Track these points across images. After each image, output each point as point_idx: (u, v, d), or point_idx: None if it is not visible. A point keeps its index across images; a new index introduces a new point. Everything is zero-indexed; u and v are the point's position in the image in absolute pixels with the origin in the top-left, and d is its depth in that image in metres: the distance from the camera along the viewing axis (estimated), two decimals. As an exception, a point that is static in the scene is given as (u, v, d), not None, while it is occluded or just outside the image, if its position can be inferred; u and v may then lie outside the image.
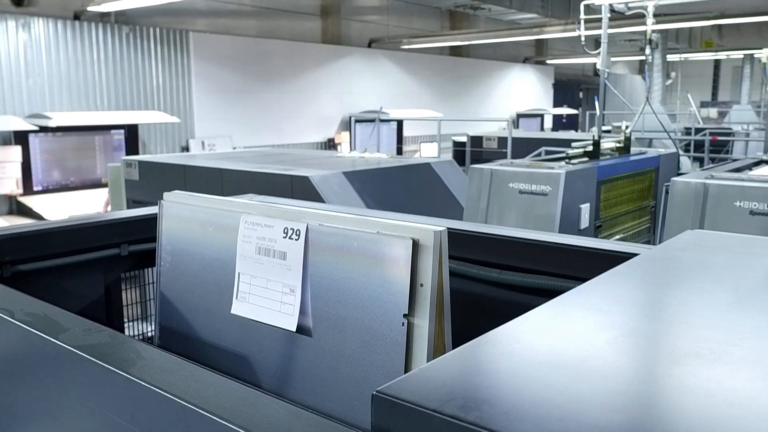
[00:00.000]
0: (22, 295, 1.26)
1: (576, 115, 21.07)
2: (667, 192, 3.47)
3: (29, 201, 8.57)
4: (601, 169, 4.28)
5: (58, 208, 8.30)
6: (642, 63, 18.57)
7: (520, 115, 19.46)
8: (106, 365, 0.92)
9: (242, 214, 1.42)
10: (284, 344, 1.32)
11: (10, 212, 8.73)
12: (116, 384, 0.91)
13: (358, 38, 14.53)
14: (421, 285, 1.15)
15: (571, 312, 0.87)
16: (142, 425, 0.88)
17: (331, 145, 13.76)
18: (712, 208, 3.25)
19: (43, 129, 8.64)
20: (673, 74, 16.07)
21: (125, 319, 1.93)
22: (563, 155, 4.66)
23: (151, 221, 1.84)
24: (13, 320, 1.13)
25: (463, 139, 12.52)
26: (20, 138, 8.64)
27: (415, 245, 1.15)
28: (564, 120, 21.41)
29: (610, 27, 4.93)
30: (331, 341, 1.25)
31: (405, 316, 1.15)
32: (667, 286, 1.00)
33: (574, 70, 22.52)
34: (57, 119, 8.55)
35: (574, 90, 22.66)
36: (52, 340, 1.03)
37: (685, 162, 8.62)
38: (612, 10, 5.17)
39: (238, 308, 1.42)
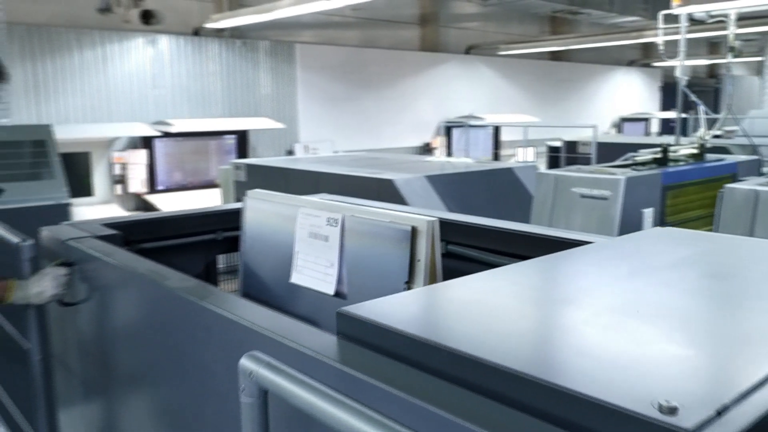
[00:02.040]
0: (148, 260, 1.77)
1: (685, 119, 20.29)
2: (721, 199, 3.63)
3: (153, 199, 9.59)
4: (668, 175, 4.44)
5: (177, 206, 9.24)
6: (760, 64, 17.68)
7: (624, 119, 19.04)
8: (212, 307, 1.40)
9: (300, 207, 1.89)
10: (325, 304, 1.77)
11: (137, 208, 9.80)
12: (216, 318, 1.39)
13: (455, 45, 14.89)
14: (418, 260, 1.56)
15: (499, 275, 1.26)
16: (221, 343, 1.34)
17: (427, 149, 14.20)
18: (762, 215, 3.39)
19: (166, 134, 9.65)
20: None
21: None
22: (631, 162, 4.84)
23: (240, 213, 2.34)
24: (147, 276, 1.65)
25: (559, 143, 12.59)
26: (146, 142, 9.69)
27: (414, 231, 1.56)
28: (672, 124, 20.70)
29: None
30: (357, 301, 1.68)
31: (406, 282, 1.57)
32: (584, 262, 1.36)
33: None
34: (177, 125, 9.54)
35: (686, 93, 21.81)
36: (172, 288, 1.53)
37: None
38: (691, 18, 5.27)
39: (295, 278, 1.88)
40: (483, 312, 1.03)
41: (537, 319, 1.01)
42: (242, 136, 10.78)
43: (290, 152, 11.82)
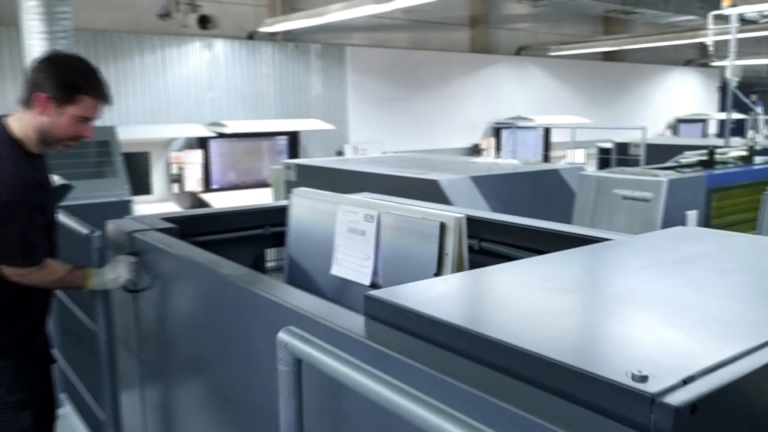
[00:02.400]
0: (204, 251, 1.95)
1: (742, 120, 19.70)
2: (765, 201, 3.62)
3: (208, 197, 9.94)
4: (713, 177, 4.42)
5: (230, 204, 9.54)
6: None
7: (680, 121, 18.62)
8: (260, 291, 1.56)
9: (340, 204, 2.03)
10: (361, 294, 1.90)
11: (193, 206, 10.17)
12: (263, 301, 1.55)
13: (506, 46, 14.86)
14: (446, 254, 1.69)
15: (513, 267, 1.37)
16: (266, 323, 1.50)
17: (476, 150, 14.23)
18: (806, 217, 3.37)
19: (220, 135, 10.00)
20: None
21: (266, 282, 2.62)
22: (675, 164, 4.82)
23: (286, 210, 2.51)
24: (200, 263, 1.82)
25: (609, 145, 12.45)
26: (202, 143, 10.05)
27: (443, 227, 1.69)
28: (733, 125, 20.10)
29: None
30: (391, 292, 1.82)
31: (435, 274, 1.69)
32: (599, 257, 1.46)
33: (745, 72, 21.06)
34: (231, 127, 9.87)
35: (746, 93, 21.18)
36: (226, 275, 1.70)
37: None
38: (743, 18, 5.21)
39: (335, 270, 2.03)
40: (490, 297, 1.16)
41: (539, 304, 1.12)
42: (293, 137, 11.06)
43: (340, 153, 12.04)
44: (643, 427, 0.77)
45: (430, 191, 5.25)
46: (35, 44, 4.39)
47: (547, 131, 14.96)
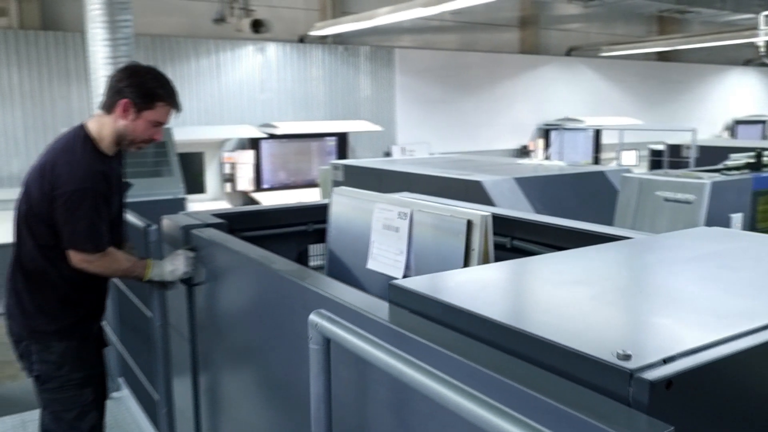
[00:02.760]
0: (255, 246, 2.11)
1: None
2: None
3: (259, 196, 10.23)
4: (760, 180, 4.37)
5: (280, 203, 9.79)
6: None
7: (738, 122, 18.08)
8: (310, 286, 1.70)
9: (376, 203, 2.16)
10: (394, 287, 2.03)
11: (244, 205, 10.50)
12: (308, 293, 1.68)
13: (556, 47, 14.75)
14: (473, 249, 1.79)
15: (531, 262, 1.47)
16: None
17: (524, 152, 14.17)
18: None
19: (271, 136, 10.27)
20: None
21: (309, 275, 2.77)
22: (722, 166, 4.77)
23: (327, 208, 2.65)
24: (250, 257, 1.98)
25: (661, 147, 12.23)
26: (253, 143, 10.35)
27: (469, 224, 1.80)
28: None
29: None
30: (421, 285, 1.93)
31: (461, 268, 1.79)
32: (616, 253, 1.54)
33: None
34: (282, 128, 10.13)
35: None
36: (277, 270, 1.85)
37: None
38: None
39: (371, 264, 2.16)
40: (502, 287, 1.26)
41: (546, 293, 1.22)
42: (342, 138, 11.26)
43: (387, 154, 12.19)
44: (623, 398, 0.87)
45: (473, 192, 5.31)
46: (99, 50, 4.67)
47: (597, 133, 14.77)
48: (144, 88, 2.30)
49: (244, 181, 10.26)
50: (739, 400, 0.94)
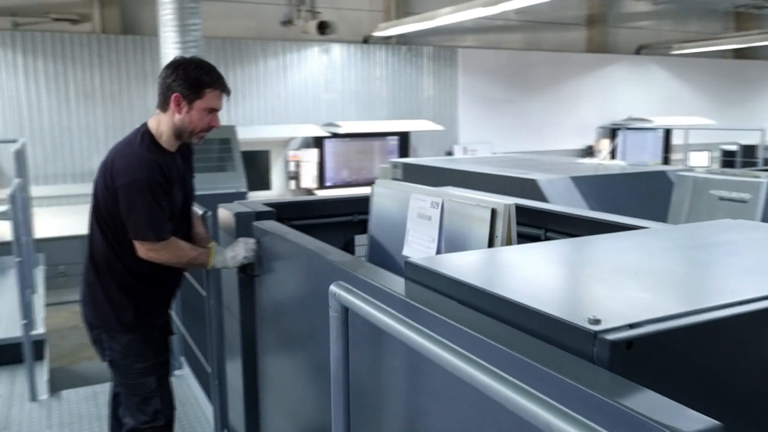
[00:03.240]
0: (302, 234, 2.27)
1: None
2: None
3: (322, 194, 10.51)
4: (824, 180, 4.24)
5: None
6: None
7: (823, 123, 17.18)
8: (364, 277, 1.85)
9: (412, 193, 2.29)
10: (425, 272, 2.15)
11: (307, 202, 10.80)
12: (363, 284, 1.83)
13: (625, 45, 14.44)
14: (496, 236, 1.89)
15: (540, 247, 1.57)
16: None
17: (590, 152, 13.94)
18: None
19: (334, 135, 10.53)
20: None
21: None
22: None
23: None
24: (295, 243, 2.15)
25: (734, 147, 11.82)
26: (317, 142, 10.64)
27: (493, 212, 1.90)
28: None
29: None
30: (450, 270, 2.05)
31: (485, 254, 1.90)
32: (628, 240, 1.62)
33: None
34: (344, 127, 10.37)
35: None
36: (332, 261, 2.01)
37: None
38: None
39: (406, 251, 2.29)
40: (504, 265, 1.37)
41: (544, 272, 1.32)
42: (404, 137, 11.41)
43: (449, 153, 12.26)
44: (588, 357, 0.97)
45: (529, 190, 5.34)
46: (170, 53, 4.97)
47: (667, 133, 14.36)
48: (190, 79, 2.35)
49: (308, 179, 10.56)
50: (698, 367, 1.02)
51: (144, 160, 2.34)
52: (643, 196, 5.74)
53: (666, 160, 14.17)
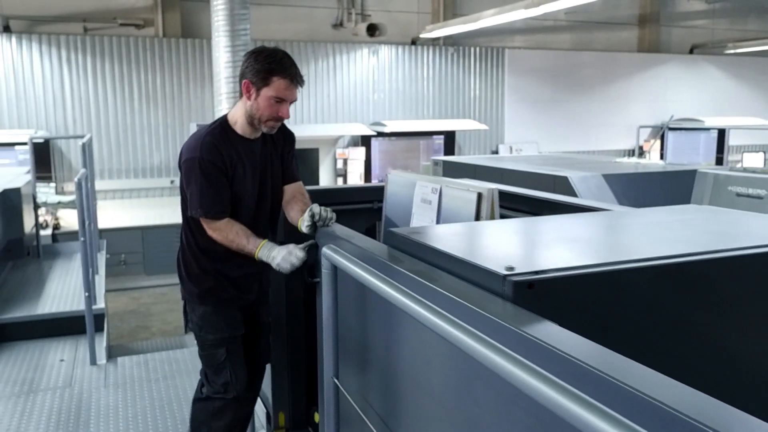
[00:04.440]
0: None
1: None
2: None
3: (367, 190, 10.86)
4: None
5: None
6: None
7: None
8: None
9: (417, 181, 2.58)
10: (425, 249, 2.44)
11: (354, 199, 11.16)
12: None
13: (678, 45, 14.28)
14: (482, 215, 2.17)
15: (504, 223, 1.84)
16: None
17: (640, 152, 13.84)
18: None
19: (380, 134, 10.87)
20: None
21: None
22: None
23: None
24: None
25: (789, 149, 11.58)
26: (365, 141, 11.00)
27: (479, 196, 2.18)
28: None
29: None
30: (444, 247, 2.33)
31: (472, 232, 2.18)
32: (582, 219, 1.87)
33: None
34: (390, 126, 10.70)
35: None
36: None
37: None
38: None
39: (411, 232, 2.58)
40: (464, 234, 1.66)
41: (492, 238, 1.60)
42: (450, 136, 11.65)
43: (495, 152, 12.43)
44: (500, 294, 1.25)
45: (560, 187, 5.51)
46: (221, 56, 5.40)
47: (722, 133, 14.12)
48: (259, 67, 2.38)
49: (355, 176, 10.92)
50: (591, 307, 1.28)
51: (201, 141, 2.43)
52: (674, 194, 5.84)
53: (720, 161, 13.94)
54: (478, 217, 2.18)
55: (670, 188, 5.86)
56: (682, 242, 1.48)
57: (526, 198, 2.56)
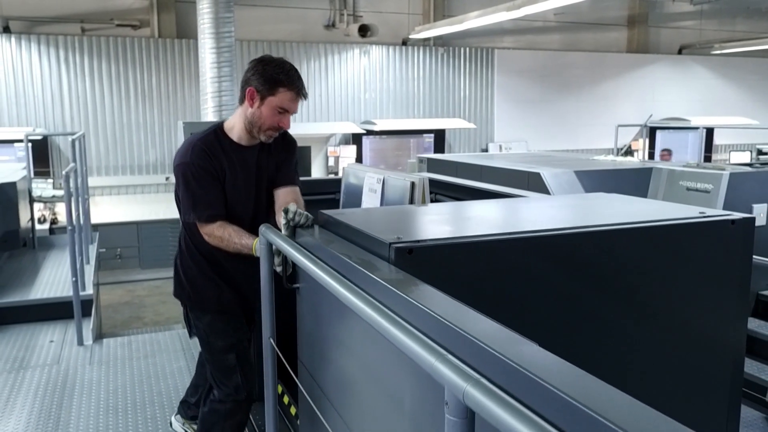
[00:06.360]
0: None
1: None
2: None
3: (358, 187, 11.14)
4: (791, 173, 4.56)
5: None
6: None
7: None
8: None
9: (366, 173, 2.86)
10: (370, 233, 2.71)
11: (345, 195, 11.44)
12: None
13: (666, 45, 14.52)
14: (415, 201, 2.44)
15: (422, 206, 2.11)
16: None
17: (627, 151, 14.09)
18: None
19: (371, 132, 11.14)
20: None
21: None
22: (755, 161, 4.96)
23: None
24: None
25: (770, 147, 11.85)
26: (356, 139, 11.27)
27: (412, 185, 2.45)
28: None
29: None
30: (385, 231, 2.61)
31: (406, 217, 2.45)
32: (497, 202, 2.14)
33: None
34: (380, 125, 10.97)
35: None
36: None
37: None
38: None
39: (361, 219, 2.86)
40: (381, 214, 1.93)
41: (405, 216, 1.87)
42: (439, 135, 11.93)
43: (484, 150, 12.70)
44: (386, 259, 1.53)
45: (534, 183, 5.76)
46: (207, 57, 5.68)
47: (710, 133, 14.37)
48: (266, 75, 2.36)
49: (346, 173, 11.19)
50: (464, 274, 1.55)
51: (192, 146, 2.43)
52: (640, 189, 6.09)
53: (708, 159, 14.18)
54: (411, 202, 2.46)
55: (636, 184, 6.11)
56: (558, 220, 1.75)
57: (459, 186, 2.84)
